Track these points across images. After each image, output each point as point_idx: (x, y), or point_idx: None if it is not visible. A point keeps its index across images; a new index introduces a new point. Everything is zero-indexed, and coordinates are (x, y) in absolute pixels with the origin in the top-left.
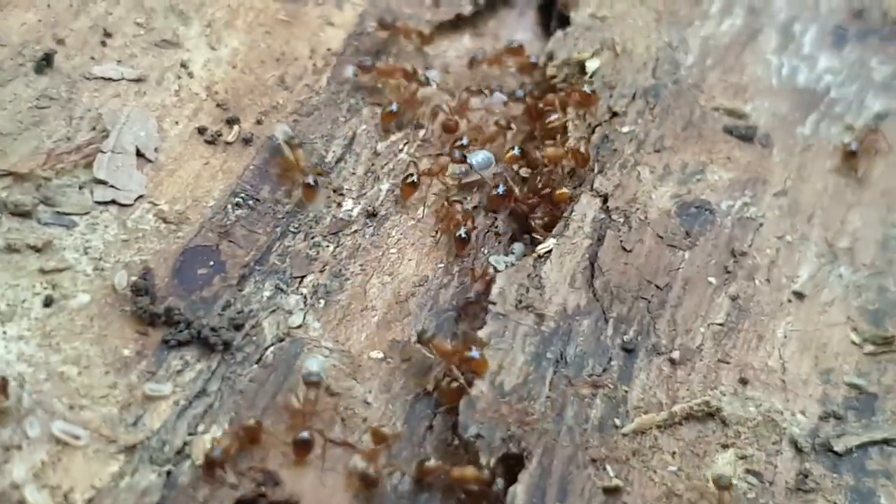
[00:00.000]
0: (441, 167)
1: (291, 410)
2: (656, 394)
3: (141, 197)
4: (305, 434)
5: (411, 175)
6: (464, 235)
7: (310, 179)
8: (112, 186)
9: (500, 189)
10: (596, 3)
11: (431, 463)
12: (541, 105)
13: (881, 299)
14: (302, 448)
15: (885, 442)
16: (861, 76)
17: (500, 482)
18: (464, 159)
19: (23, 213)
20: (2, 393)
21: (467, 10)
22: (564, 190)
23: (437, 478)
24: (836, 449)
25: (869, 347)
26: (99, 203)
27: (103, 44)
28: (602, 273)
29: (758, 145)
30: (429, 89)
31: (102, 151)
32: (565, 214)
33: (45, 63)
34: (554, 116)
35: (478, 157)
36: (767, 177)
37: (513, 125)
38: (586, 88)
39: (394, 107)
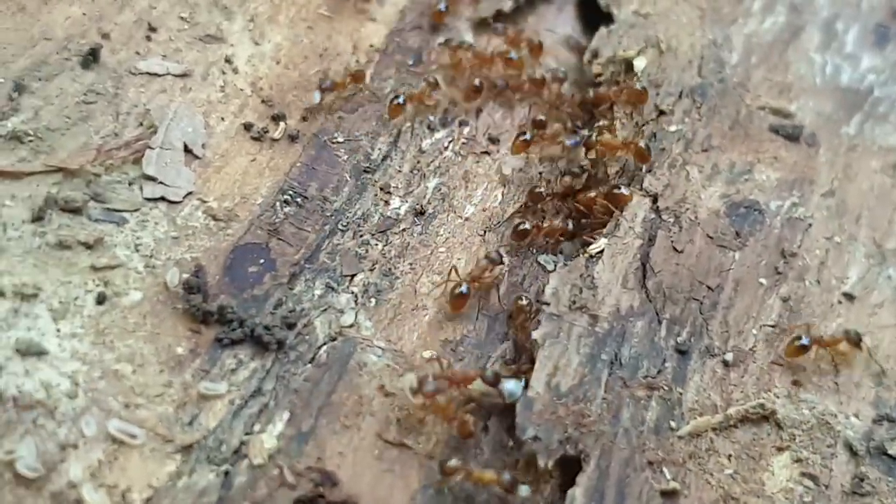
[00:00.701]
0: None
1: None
2: (710, 396)
3: (190, 194)
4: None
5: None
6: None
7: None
8: (161, 183)
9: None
10: (640, 0)
11: (453, 463)
12: (592, 97)
13: None
14: None
15: None
16: None
17: (524, 489)
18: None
19: (73, 210)
20: None
21: (507, 6)
22: (625, 191)
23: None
24: (890, 452)
25: None
26: (149, 199)
27: (148, 38)
28: (654, 273)
29: (804, 145)
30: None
31: (151, 147)
32: (616, 214)
33: (91, 58)
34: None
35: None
36: (814, 177)
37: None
38: (638, 85)
39: (400, 99)
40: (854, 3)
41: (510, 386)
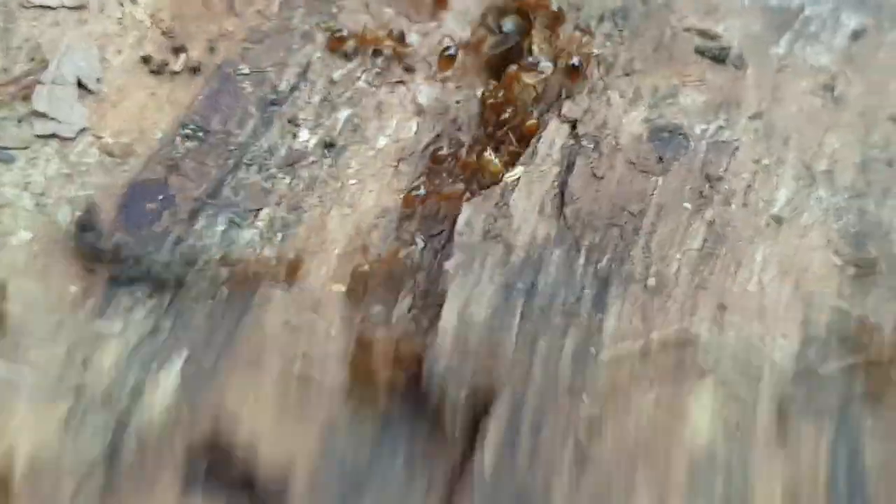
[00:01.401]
0: (479, 40)
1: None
2: (632, 322)
3: (84, 130)
4: None
5: (448, 48)
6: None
7: None
8: (53, 119)
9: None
10: None
11: None
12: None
13: (862, 222)
14: None
15: None
16: None
17: None
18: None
19: None
20: None
21: None
22: (533, 120)
23: None
24: (820, 373)
25: (851, 270)
26: (39, 136)
27: None
28: (573, 201)
29: (731, 66)
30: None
31: (41, 83)
32: (533, 141)
33: None
34: None
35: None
36: (741, 99)
37: None
38: (554, 5)
39: (344, 31)
40: None
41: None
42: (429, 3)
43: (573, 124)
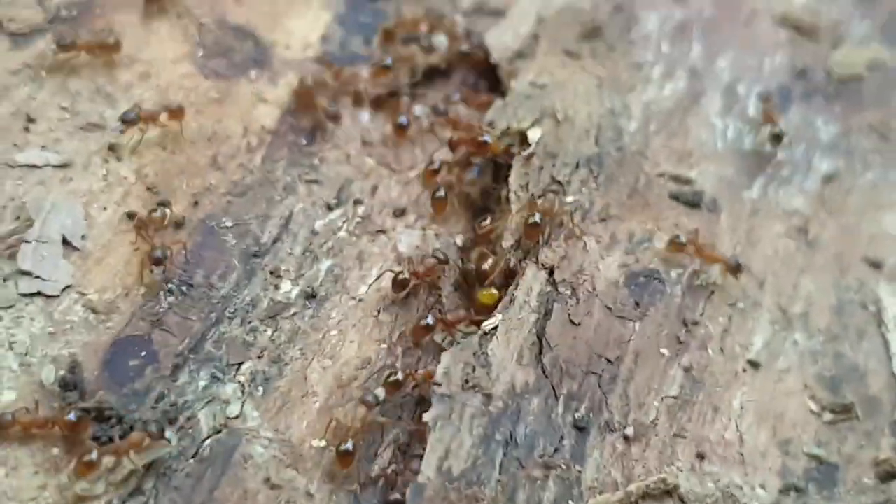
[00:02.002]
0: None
1: None
2: (611, 473)
3: (68, 287)
4: None
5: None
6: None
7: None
8: (38, 277)
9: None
10: (536, 70)
11: None
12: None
13: (837, 365)
14: None
15: None
16: (807, 137)
17: None
18: None
19: None
20: None
21: (403, 82)
22: (492, 291)
23: None
24: None
25: (827, 416)
26: (24, 295)
27: (27, 129)
28: (550, 348)
29: (705, 210)
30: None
31: (27, 241)
32: (510, 289)
33: None
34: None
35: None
36: (716, 242)
37: None
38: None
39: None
40: (755, 67)
41: None
42: (408, 157)
43: (550, 271)
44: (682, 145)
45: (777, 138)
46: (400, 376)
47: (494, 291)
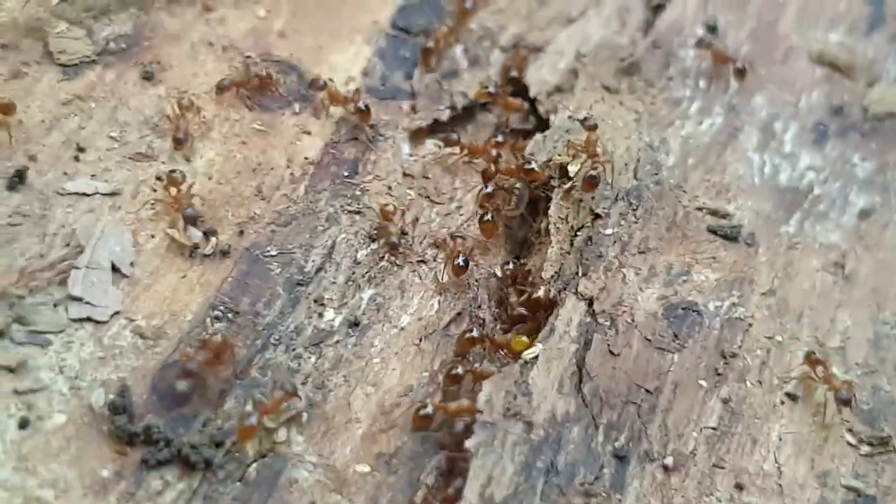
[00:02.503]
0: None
1: None
2: (651, 502)
3: (117, 313)
4: None
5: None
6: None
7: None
8: (87, 303)
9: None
10: (575, 105)
11: None
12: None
13: (875, 399)
14: None
15: None
16: (844, 173)
17: None
18: None
19: None
20: None
21: (445, 115)
22: (524, 339)
23: None
24: None
25: (865, 448)
26: (74, 321)
27: (76, 159)
28: (590, 378)
29: (743, 245)
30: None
31: (77, 268)
32: (550, 319)
33: (17, 180)
34: None
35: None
36: (754, 276)
37: None
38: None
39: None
40: (792, 103)
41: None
42: (448, 187)
43: (590, 302)
44: (720, 180)
45: (741, 72)
46: (430, 410)
47: (526, 339)
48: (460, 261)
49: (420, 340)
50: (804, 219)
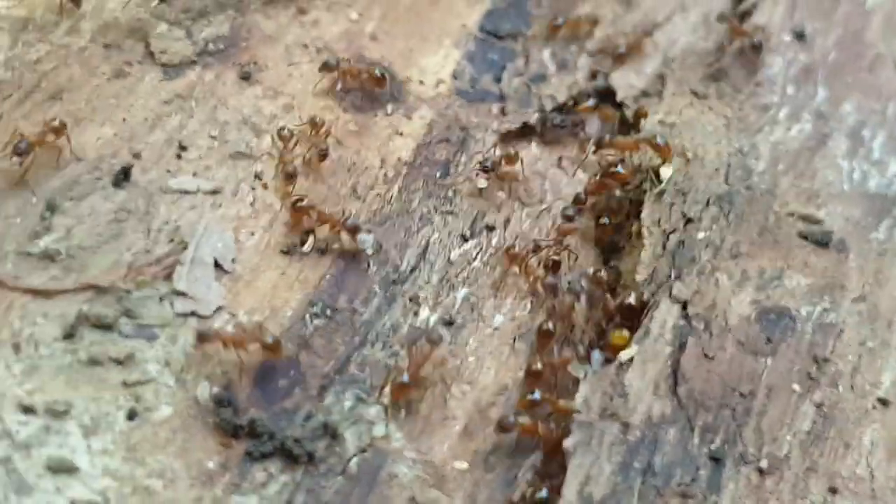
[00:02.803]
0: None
1: None
2: None
3: (220, 308)
4: None
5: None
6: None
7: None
8: (191, 298)
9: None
10: (665, 109)
11: None
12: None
13: None
14: None
15: None
16: None
17: None
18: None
19: (104, 326)
20: None
21: (533, 118)
22: (624, 333)
23: None
24: None
25: None
26: (179, 315)
27: (179, 156)
28: (685, 381)
29: (833, 251)
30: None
31: (181, 263)
32: (645, 321)
33: (122, 177)
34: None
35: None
36: (845, 282)
37: None
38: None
39: None
40: (880, 111)
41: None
42: (538, 189)
43: (683, 305)
44: (810, 186)
45: (756, 48)
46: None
47: (626, 333)
48: (551, 279)
49: (514, 340)
50: (893, 226)
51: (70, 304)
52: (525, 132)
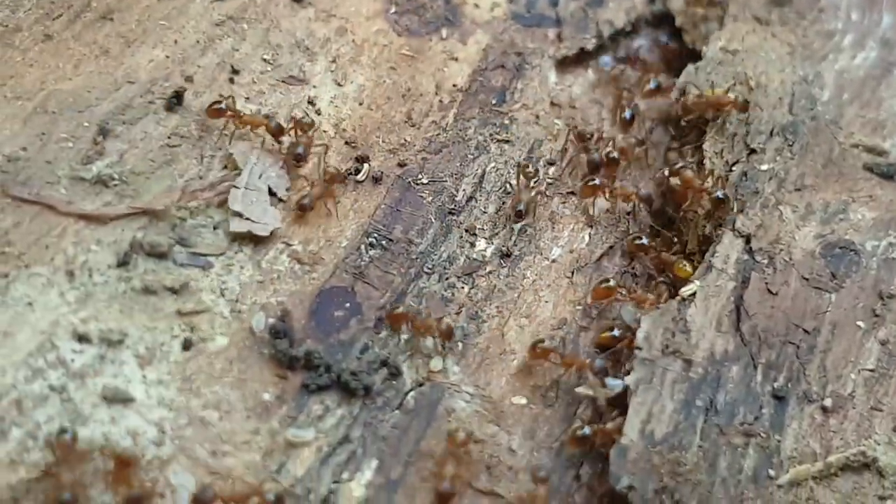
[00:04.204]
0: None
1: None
2: (810, 443)
3: (276, 231)
4: (447, 485)
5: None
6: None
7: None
8: (248, 219)
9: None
10: (727, 36)
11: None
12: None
13: None
14: (444, 499)
15: None
16: None
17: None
18: None
19: (159, 254)
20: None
21: (591, 44)
22: (685, 266)
23: None
24: None
25: None
26: (235, 235)
27: (231, 80)
28: (749, 317)
29: None
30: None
31: (236, 187)
32: (707, 255)
33: (174, 101)
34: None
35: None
36: None
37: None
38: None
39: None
40: None
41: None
42: (595, 119)
43: (747, 239)
44: (875, 116)
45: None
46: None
47: (690, 268)
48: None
49: (572, 274)
50: None
51: (124, 230)
52: (582, 58)
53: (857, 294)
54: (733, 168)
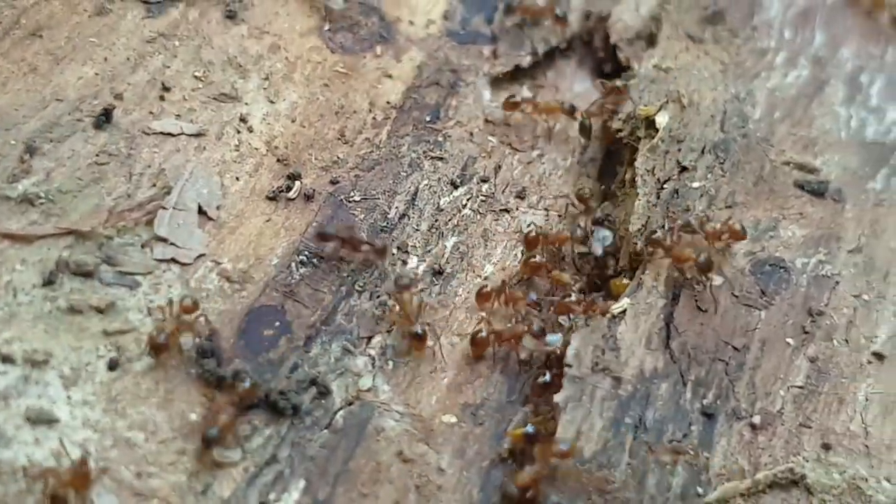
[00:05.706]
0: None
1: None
2: (738, 460)
3: (202, 255)
4: None
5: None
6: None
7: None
8: (172, 244)
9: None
10: (660, 54)
11: None
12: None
13: None
14: None
15: None
16: None
17: None
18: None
19: (85, 273)
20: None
21: (526, 61)
22: (625, 281)
23: None
24: None
25: None
26: (159, 261)
27: (162, 98)
28: (678, 334)
29: (830, 200)
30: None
31: (164, 208)
32: (638, 273)
33: (103, 118)
34: None
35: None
36: (841, 233)
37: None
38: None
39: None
40: (878, 56)
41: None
42: (529, 136)
43: None
44: (807, 134)
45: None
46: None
47: (627, 281)
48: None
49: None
50: (891, 175)
51: (50, 249)
52: (516, 75)
53: (787, 311)
54: (664, 186)
